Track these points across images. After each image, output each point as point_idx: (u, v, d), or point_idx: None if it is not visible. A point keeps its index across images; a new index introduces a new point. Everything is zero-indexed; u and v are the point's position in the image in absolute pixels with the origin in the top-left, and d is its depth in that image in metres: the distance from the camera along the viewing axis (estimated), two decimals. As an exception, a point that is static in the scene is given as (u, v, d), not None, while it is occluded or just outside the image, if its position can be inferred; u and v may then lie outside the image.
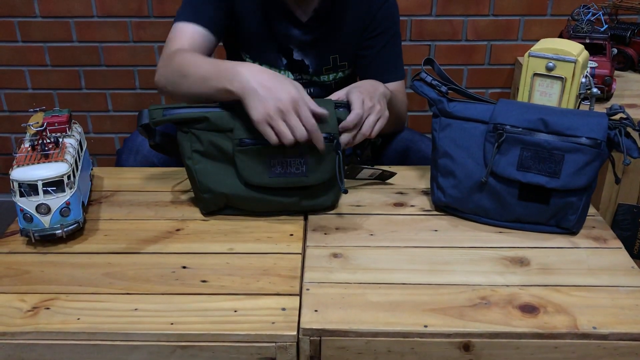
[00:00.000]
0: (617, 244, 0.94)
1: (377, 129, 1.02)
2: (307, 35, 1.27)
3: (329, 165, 0.97)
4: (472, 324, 0.77)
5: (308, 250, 0.93)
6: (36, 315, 0.79)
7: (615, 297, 0.82)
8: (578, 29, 1.71)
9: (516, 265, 0.89)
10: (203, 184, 0.98)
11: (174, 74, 1.09)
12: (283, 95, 0.91)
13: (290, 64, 1.31)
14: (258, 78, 0.93)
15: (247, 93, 0.92)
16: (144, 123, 0.97)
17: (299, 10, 1.25)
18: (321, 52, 1.30)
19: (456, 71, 2.03)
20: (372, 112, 1.01)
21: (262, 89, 0.91)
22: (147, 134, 0.99)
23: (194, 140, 0.97)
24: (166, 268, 0.88)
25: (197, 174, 0.98)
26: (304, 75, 1.33)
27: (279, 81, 0.93)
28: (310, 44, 1.29)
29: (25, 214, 0.89)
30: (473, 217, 1.00)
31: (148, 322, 0.77)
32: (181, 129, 0.97)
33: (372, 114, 1.01)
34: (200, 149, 0.97)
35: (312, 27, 1.27)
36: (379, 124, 1.02)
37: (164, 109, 0.96)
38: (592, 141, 0.90)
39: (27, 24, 1.98)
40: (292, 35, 1.27)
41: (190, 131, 0.96)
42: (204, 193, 0.98)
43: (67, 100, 2.09)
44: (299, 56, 1.30)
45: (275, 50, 1.29)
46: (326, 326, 0.76)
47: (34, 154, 0.93)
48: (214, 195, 0.98)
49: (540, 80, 1.05)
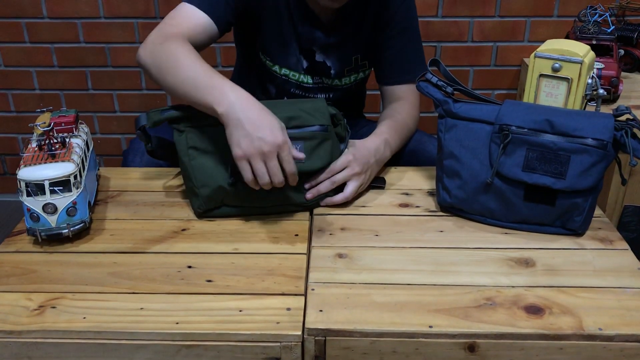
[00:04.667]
0: (623, 246, 0.94)
1: (351, 192, 1.05)
2: (330, 37, 1.27)
3: (326, 150, 1.00)
4: (477, 324, 0.77)
5: (313, 250, 0.93)
6: (42, 314, 0.79)
7: (621, 298, 0.82)
8: (585, 30, 1.70)
9: (522, 266, 0.89)
10: (199, 179, 0.98)
11: (163, 61, 1.02)
12: (268, 136, 0.89)
13: (312, 67, 1.30)
14: (246, 110, 0.91)
15: (232, 123, 0.91)
16: (142, 125, 0.98)
17: (323, 12, 1.25)
18: (343, 53, 1.29)
19: (462, 72, 2.03)
20: (352, 178, 1.05)
21: (249, 123, 0.90)
22: (145, 138, 1.00)
23: (190, 137, 0.98)
24: (172, 268, 0.88)
25: (194, 170, 0.98)
26: (324, 78, 1.31)
27: (266, 119, 0.91)
28: (333, 46, 1.28)
29: (32, 214, 0.90)
30: (478, 218, 1.00)
31: (153, 322, 0.78)
32: (177, 129, 0.99)
33: (354, 180, 1.05)
34: (196, 145, 0.98)
35: (336, 28, 1.27)
36: (353, 188, 1.05)
37: (162, 110, 0.98)
38: (598, 142, 0.90)
39: (34, 25, 1.99)
40: (316, 37, 1.26)
41: (186, 129, 0.98)
42: (200, 188, 0.98)
43: (74, 100, 2.10)
44: (321, 58, 1.29)
45: (296, 53, 1.29)
46: (331, 326, 0.76)
47: (40, 154, 0.93)
48: (211, 189, 0.98)
49: (546, 81, 1.04)
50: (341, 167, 1.04)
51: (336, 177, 1.04)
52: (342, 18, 1.25)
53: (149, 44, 1.06)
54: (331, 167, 1.03)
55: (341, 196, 1.04)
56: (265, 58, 1.30)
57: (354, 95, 1.43)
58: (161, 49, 1.03)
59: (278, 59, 1.29)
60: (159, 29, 1.09)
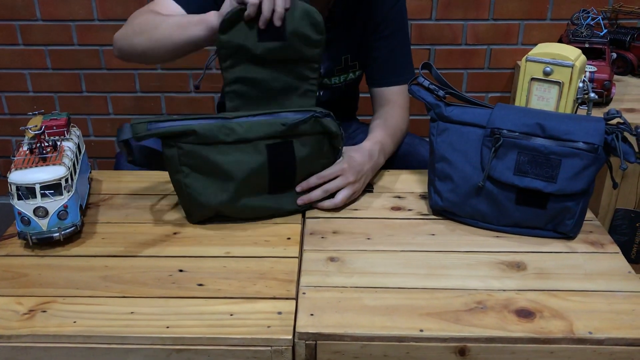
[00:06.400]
0: (614, 249, 0.94)
1: (341, 200, 1.04)
2: None
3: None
4: (468, 328, 0.77)
5: (305, 254, 0.93)
6: (32, 318, 0.79)
7: (612, 302, 0.82)
8: (577, 33, 1.71)
9: (513, 269, 0.89)
10: (194, 198, 0.96)
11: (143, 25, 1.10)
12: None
13: None
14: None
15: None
16: (125, 139, 0.91)
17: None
18: (334, 53, 1.29)
19: (456, 75, 2.03)
20: (346, 186, 1.04)
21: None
22: (127, 149, 0.94)
23: (182, 153, 0.94)
24: (163, 271, 0.88)
25: (188, 188, 0.96)
26: None
27: None
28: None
29: (22, 217, 0.89)
30: (470, 221, 1.00)
31: (144, 326, 0.77)
32: (167, 143, 0.94)
33: (346, 189, 1.04)
34: (189, 162, 0.95)
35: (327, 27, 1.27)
36: (344, 196, 1.04)
37: (147, 122, 0.92)
38: (589, 146, 0.90)
39: (28, 27, 1.99)
40: None
41: (177, 145, 0.94)
42: (194, 208, 0.98)
43: (68, 103, 2.10)
44: None
45: None
46: (322, 330, 0.76)
47: (32, 157, 0.93)
48: (205, 209, 0.98)
49: (538, 85, 1.05)
50: (335, 175, 1.04)
51: (329, 185, 1.03)
52: (333, 17, 1.25)
53: (126, 24, 1.13)
54: (324, 173, 1.03)
55: (330, 203, 1.04)
56: None
57: (346, 97, 1.43)
58: (138, 20, 1.11)
59: None
60: (133, 14, 1.15)
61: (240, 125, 0.95)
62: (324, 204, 1.04)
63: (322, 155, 1.02)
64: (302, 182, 1.02)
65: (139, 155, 0.97)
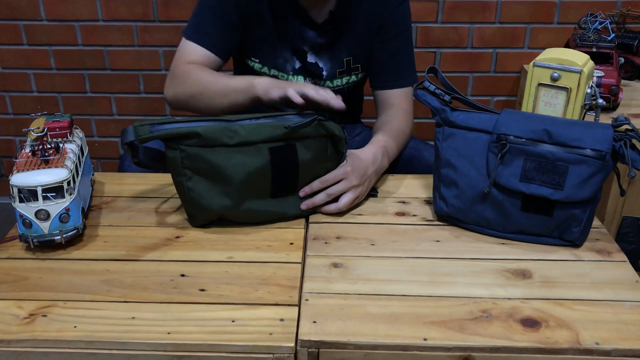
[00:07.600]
0: (621, 257, 0.93)
1: (345, 204, 1.03)
2: (322, 37, 1.26)
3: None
4: (472, 337, 0.76)
5: (308, 259, 0.92)
6: (33, 323, 0.78)
7: (618, 312, 0.81)
8: (585, 37, 1.70)
9: (518, 277, 0.88)
10: (196, 201, 0.96)
11: (193, 88, 1.17)
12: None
13: (304, 68, 1.30)
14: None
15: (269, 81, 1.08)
16: (129, 141, 0.92)
17: (314, 11, 1.24)
18: (335, 55, 1.29)
19: (461, 78, 2.02)
20: (349, 190, 1.03)
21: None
22: (131, 151, 0.94)
23: (185, 156, 0.93)
24: (165, 276, 0.88)
25: (191, 192, 0.95)
26: (317, 80, 1.31)
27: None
28: (325, 46, 1.28)
29: (24, 220, 0.89)
30: (475, 227, 0.99)
31: (145, 332, 0.77)
32: (170, 146, 0.93)
33: (350, 192, 1.03)
34: (191, 164, 0.94)
35: (328, 28, 1.26)
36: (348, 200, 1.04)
37: (150, 124, 0.91)
38: (597, 153, 0.89)
39: (32, 27, 1.98)
40: (307, 37, 1.26)
41: (180, 147, 0.93)
42: (197, 211, 0.97)
43: (72, 103, 2.10)
44: (313, 59, 1.29)
45: (288, 54, 1.28)
46: (324, 338, 0.76)
47: (34, 160, 0.92)
48: (208, 213, 0.97)
49: (545, 91, 1.03)
50: (338, 179, 1.03)
51: (333, 189, 1.02)
52: (334, 18, 1.24)
53: (172, 86, 1.21)
54: (327, 177, 1.02)
55: (334, 207, 1.03)
56: (254, 61, 1.29)
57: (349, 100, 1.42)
58: (186, 84, 1.18)
59: (268, 61, 1.28)
60: (173, 70, 1.22)
61: (244, 128, 0.94)
62: (328, 208, 1.03)
63: (326, 159, 1.02)
64: (305, 187, 1.01)
65: (144, 157, 0.97)
